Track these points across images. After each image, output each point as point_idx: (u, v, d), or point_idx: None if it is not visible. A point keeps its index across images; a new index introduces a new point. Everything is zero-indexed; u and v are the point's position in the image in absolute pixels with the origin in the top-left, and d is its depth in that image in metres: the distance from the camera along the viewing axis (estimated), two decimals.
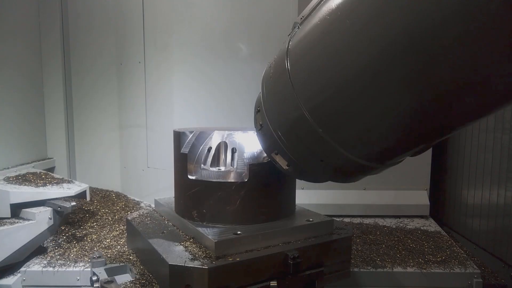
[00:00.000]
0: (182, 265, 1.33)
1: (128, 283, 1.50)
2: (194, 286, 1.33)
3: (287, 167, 1.42)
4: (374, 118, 1.05)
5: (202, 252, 1.43)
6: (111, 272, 1.63)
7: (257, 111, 1.46)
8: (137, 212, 2.01)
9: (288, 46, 1.24)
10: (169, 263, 1.35)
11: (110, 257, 1.81)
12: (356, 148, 1.17)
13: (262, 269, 1.42)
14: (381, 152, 1.20)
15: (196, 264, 1.34)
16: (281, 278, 1.44)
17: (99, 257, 1.69)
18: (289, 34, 1.32)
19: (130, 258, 1.76)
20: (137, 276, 1.55)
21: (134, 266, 1.67)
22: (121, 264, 1.69)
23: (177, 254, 1.42)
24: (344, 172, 1.33)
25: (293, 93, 1.18)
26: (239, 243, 1.45)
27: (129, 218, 1.90)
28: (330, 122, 1.15)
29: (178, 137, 1.75)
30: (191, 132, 1.78)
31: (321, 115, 1.15)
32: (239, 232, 1.49)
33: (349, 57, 0.98)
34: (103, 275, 1.57)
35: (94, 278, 1.56)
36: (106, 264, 1.67)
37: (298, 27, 1.25)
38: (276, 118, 1.33)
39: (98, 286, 1.51)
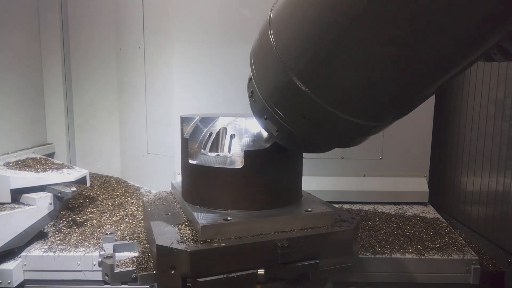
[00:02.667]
0: (167, 247, 1.36)
1: (127, 259, 1.57)
2: (177, 268, 1.35)
3: (276, 133, 1.44)
4: (355, 69, 1.07)
5: (192, 235, 1.45)
6: (119, 248, 1.68)
7: (249, 80, 1.50)
8: (153, 194, 2.07)
9: (270, 14, 1.30)
10: (157, 243, 1.38)
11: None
12: (344, 105, 1.18)
13: (249, 256, 1.41)
14: (373, 108, 1.21)
15: (180, 246, 1.36)
16: (269, 267, 1.43)
17: (110, 233, 1.75)
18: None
19: (139, 237, 1.85)
20: (139, 254, 1.61)
21: (140, 244, 1.74)
22: (129, 241, 1.75)
23: (168, 235, 1.45)
24: (337, 134, 1.33)
25: (278, 59, 1.21)
26: (227, 228, 1.45)
27: (145, 199, 1.96)
28: (315, 81, 1.17)
29: (184, 122, 1.79)
30: (188, 117, 1.80)
31: (306, 75, 1.17)
32: (229, 218, 1.49)
33: (325, 10, 1.01)
34: (109, 250, 1.62)
35: (102, 252, 1.62)
36: (115, 241, 1.72)
37: None
38: (264, 82, 1.37)
39: (100, 260, 1.57)
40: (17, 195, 2.38)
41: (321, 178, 3.13)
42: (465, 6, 0.83)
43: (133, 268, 1.52)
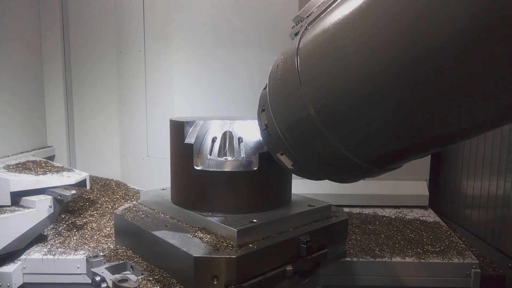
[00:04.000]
0: (209, 257, 1.30)
1: (141, 279, 1.42)
2: (220, 277, 1.31)
3: (292, 167, 1.44)
4: (379, 125, 1.07)
5: (222, 242, 1.41)
6: (112, 270, 1.54)
7: (262, 110, 1.44)
8: (122, 206, 1.92)
9: (298, 45, 1.23)
10: (194, 255, 1.31)
11: (110, 247, 1.74)
12: (361, 152, 1.19)
13: (279, 254, 1.46)
14: (385, 157, 1.23)
15: (222, 254, 1.32)
16: (294, 262, 1.49)
17: (95, 256, 1.58)
18: (296, 32, 1.33)
19: (127, 254, 1.66)
20: (145, 273, 1.48)
21: (135, 262, 1.58)
22: (120, 261, 1.60)
23: (196, 245, 1.39)
24: (347, 174, 1.38)
25: (301, 92, 1.17)
26: (256, 230, 1.47)
27: (117, 212, 1.82)
28: (337, 124, 1.15)
29: (177, 126, 1.72)
30: (188, 121, 1.73)
31: (328, 117, 1.15)
32: (255, 220, 1.49)
33: (359, 65, 1.00)
34: (106, 274, 1.49)
35: (98, 278, 1.47)
36: (105, 263, 1.58)
37: (307, 28, 1.24)
38: (282, 117, 1.32)
39: (106, 286, 1.43)
40: (17, 198, 2.37)
41: (321, 181, 3.11)
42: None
43: None
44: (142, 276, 1.46)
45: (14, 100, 3.07)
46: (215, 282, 1.31)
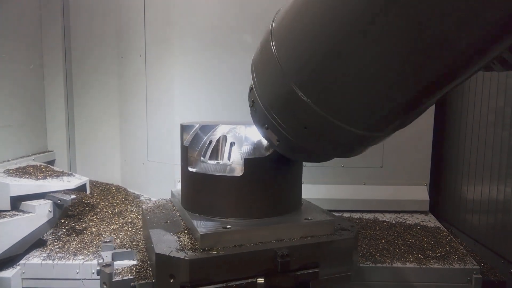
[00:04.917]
0: (167, 255, 1.35)
1: (125, 267, 1.58)
2: (177, 277, 1.34)
3: (277, 142, 1.43)
4: (360, 81, 1.06)
5: (191, 243, 1.45)
6: (118, 256, 1.69)
7: (250, 89, 1.50)
8: (152, 202, 2.10)
9: (272, 23, 1.29)
10: (156, 251, 1.37)
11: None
12: (346, 115, 1.18)
13: (248, 264, 1.41)
14: (374, 118, 1.20)
15: (179, 254, 1.35)
16: (269, 276, 1.43)
17: (109, 241, 1.75)
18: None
19: (138, 245, 1.87)
20: (138, 262, 1.61)
21: (139, 252, 1.74)
22: (128, 250, 1.76)
23: (167, 244, 1.44)
24: (338, 144, 1.33)
25: (280, 69, 1.21)
26: (226, 237, 1.45)
27: (144, 207, 1.97)
28: (318, 91, 1.16)
29: (184, 130, 1.79)
30: (188, 125, 1.81)
31: (308, 85, 1.16)
32: (228, 226, 1.49)
33: (329, 21, 1.00)
34: (108, 259, 1.62)
35: (100, 261, 1.64)
36: (114, 249, 1.73)
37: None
38: (264, 93, 1.37)
39: (98, 269, 1.57)
40: (16, 202, 2.37)
41: (321, 186, 3.12)
42: (469, 24, 0.82)
43: (132, 277, 1.51)
44: (132, 265, 1.61)
45: (15, 105, 3.07)
46: (172, 281, 1.36)
